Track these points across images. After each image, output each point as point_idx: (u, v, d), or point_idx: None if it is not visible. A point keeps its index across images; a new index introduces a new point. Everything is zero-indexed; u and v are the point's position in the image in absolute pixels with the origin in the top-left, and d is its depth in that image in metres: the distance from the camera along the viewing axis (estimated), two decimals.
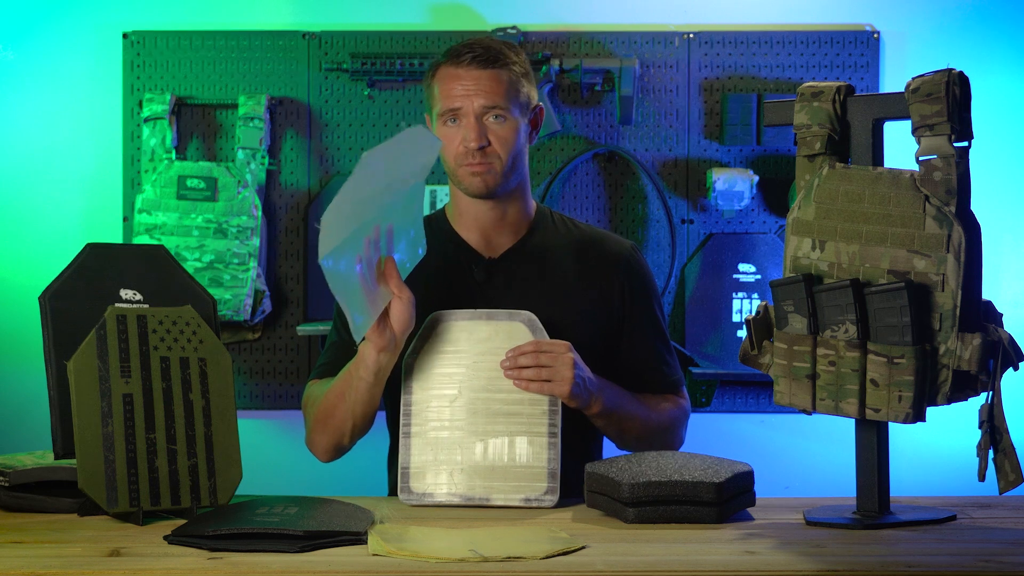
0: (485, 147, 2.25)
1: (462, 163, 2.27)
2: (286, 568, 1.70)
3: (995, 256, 3.17)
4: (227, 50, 3.25)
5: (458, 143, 2.26)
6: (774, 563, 1.73)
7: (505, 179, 2.29)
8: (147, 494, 1.96)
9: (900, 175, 1.91)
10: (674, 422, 2.36)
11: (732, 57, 3.25)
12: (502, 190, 2.30)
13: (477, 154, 2.26)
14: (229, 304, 3.12)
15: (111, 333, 1.98)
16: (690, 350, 3.19)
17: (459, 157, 2.27)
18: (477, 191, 2.29)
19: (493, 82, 2.26)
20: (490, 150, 2.26)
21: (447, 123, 2.27)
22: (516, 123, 2.28)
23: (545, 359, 2.11)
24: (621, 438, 2.31)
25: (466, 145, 2.25)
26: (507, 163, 2.28)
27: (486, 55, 2.27)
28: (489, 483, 2.10)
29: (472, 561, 1.72)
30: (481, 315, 2.19)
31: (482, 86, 2.25)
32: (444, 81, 2.28)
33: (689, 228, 3.26)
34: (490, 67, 2.26)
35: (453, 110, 2.26)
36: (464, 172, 2.28)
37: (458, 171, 2.29)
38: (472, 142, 2.25)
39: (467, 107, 2.25)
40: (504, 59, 2.27)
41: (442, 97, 2.28)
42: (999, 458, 1.85)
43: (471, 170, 2.27)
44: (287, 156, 3.25)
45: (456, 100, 2.26)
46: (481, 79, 2.26)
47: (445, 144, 2.27)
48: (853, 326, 1.91)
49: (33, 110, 3.27)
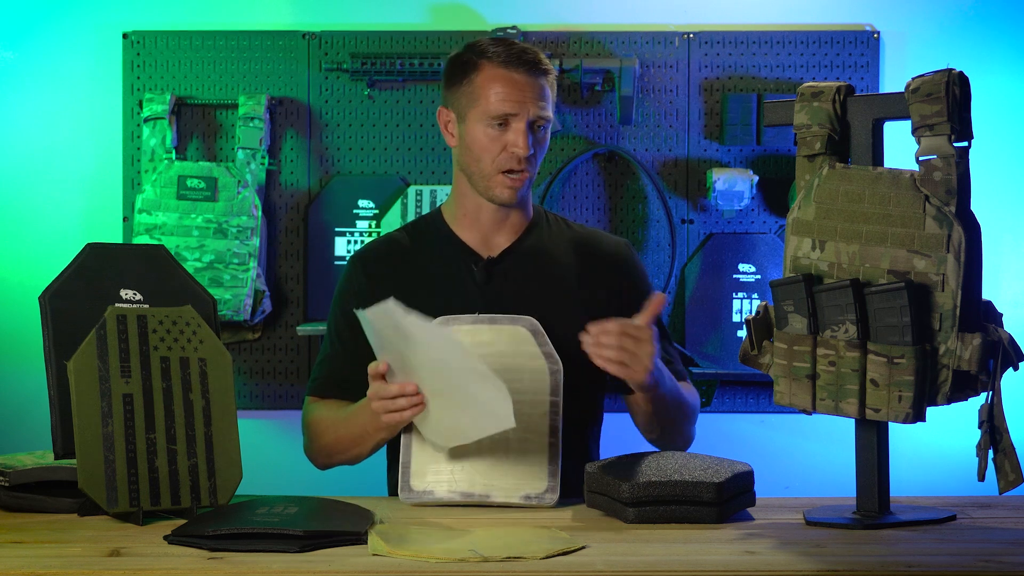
0: (531, 156, 2.26)
1: (503, 168, 2.26)
2: (286, 568, 1.70)
3: (995, 256, 3.17)
4: (227, 50, 3.25)
5: (501, 149, 2.25)
6: (774, 563, 1.73)
7: (529, 187, 2.30)
8: (147, 494, 1.96)
9: (900, 175, 1.91)
10: (697, 410, 2.37)
11: (732, 57, 3.25)
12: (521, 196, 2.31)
13: (523, 161, 2.25)
14: (229, 304, 3.12)
15: (111, 333, 1.98)
16: (690, 350, 3.19)
17: (500, 163, 2.25)
18: (508, 200, 2.29)
19: (543, 90, 2.26)
20: (531, 158, 2.26)
21: (493, 127, 2.25)
22: (548, 133, 2.30)
23: (628, 343, 2.08)
24: (653, 421, 2.28)
25: (514, 151, 2.24)
26: (536, 171, 2.29)
27: (537, 61, 2.25)
28: (489, 481, 2.10)
29: (472, 561, 1.72)
30: (484, 319, 2.19)
31: (535, 93, 2.24)
32: (494, 83, 2.25)
33: (689, 228, 3.26)
34: (541, 76, 2.26)
35: (505, 115, 2.24)
36: (501, 179, 2.26)
37: (495, 177, 2.27)
38: (523, 150, 2.23)
39: (522, 114, 2.23)
40: (548, 67, 2.28)
41: (492, 99, 2.24)
42: (999, 458, 1.85)
43: (511, 178, 2.26)
44: (287, 156, 3.25)
45: (511, 105, 2.23)
46: (535, 88, 2.24)
47: (485, 147, 2.26)
48: (853, 326, 1.91)
49: (33, 110, 3.27)
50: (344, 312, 2.38)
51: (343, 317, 2.38)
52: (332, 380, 2.35)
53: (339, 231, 3.24)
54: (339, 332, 2.38)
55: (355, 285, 2.38)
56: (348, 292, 2.39)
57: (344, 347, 2.36)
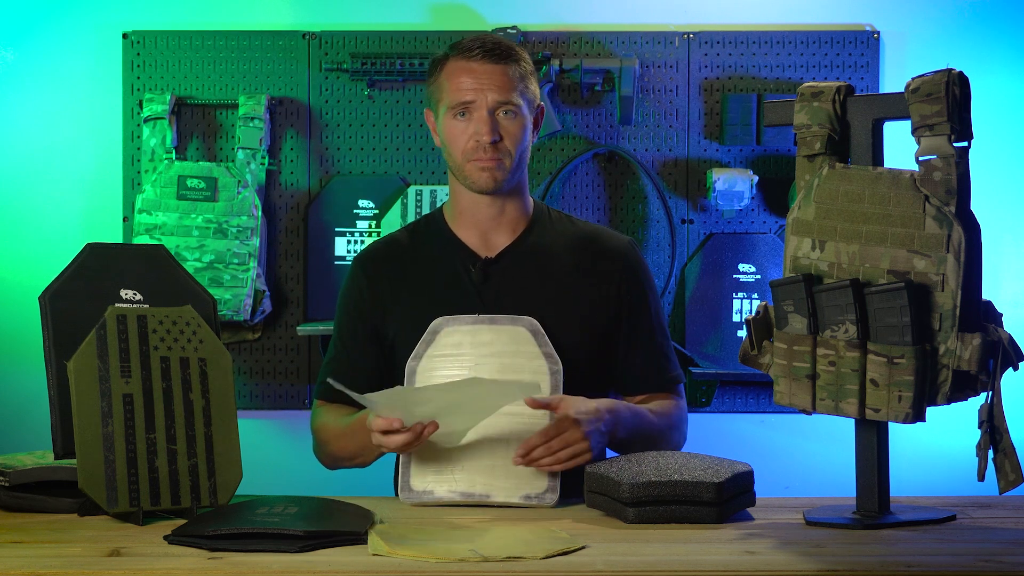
0: (497, 142, 2.25)
1: (471, 158, 2.26)
2: (286, 568, 1.70)
3: (995, 256, 3.17)
4: (227, 50, 3.25)
5: (468, 138, 2.26)
6: (774, 563, 1.73)
7: (512, 175, 2.29)
8: (147, 494, 1.96)
9: (900, 175, 1.91)
10: (678, 425, 2.36)
11: (732, 57, 3.25)
12: (507, 186, 2.29)
13: (489, 148, 2.25)
14: (229, 304, 3.12)
15: (111, 333, 1.98)
16: (690, 350, 3.19)
17: (468, 152, 2.26)
18: (485, 186, 2.28)
19: (504, 77, 2.25)
20: (501, 145, 2.26)
21: (456, 117, 2.26)
22: (524, 119, 2.28)
23: (557, 444, 2.08)
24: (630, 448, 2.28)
25: (478, 139, 2.24)
26: (515, 159, 2.28)
27: (497, 49, 2.26)
28: (489, 481, 2.10)
29: (472, 561, 1.72)
30: (484, 320, 2.19)
31: (495, 80, 2.24)
32: (454, 74, 2.26)
33: (689, 228, 3.26)
34: (501, 62, 2.26)
35: (464, 103, 2.25)
36: (472, 167, 2.27)
37: (466, 166, 2.27)
38: (484, 136, 2.24)
39: (480, 101, 2.24)
40: (514, 54, 2.27)
41: (452, 90, 2.26)
42: (999, 458, 1.85)
43: (480, 165, 2.26)
44: (287, 156, 3.25)
45: (468, 93, 2.25)
46: (493, 73, 2.25)
47: (453, 138, 2.27)
48: (853, 326, 1.91)
49: (33, 110, 3.27)
50: (347, 314, 2.38)
51: (346, 319, 2.38)
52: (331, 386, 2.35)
53: (339, 231, 3.24)
54: (342, 335, 2.38)
55: (357, 286, 2.38)
56: (349, 294, 2.39)
57: (348, 350, 2.36)
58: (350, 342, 2.36)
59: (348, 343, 2.36)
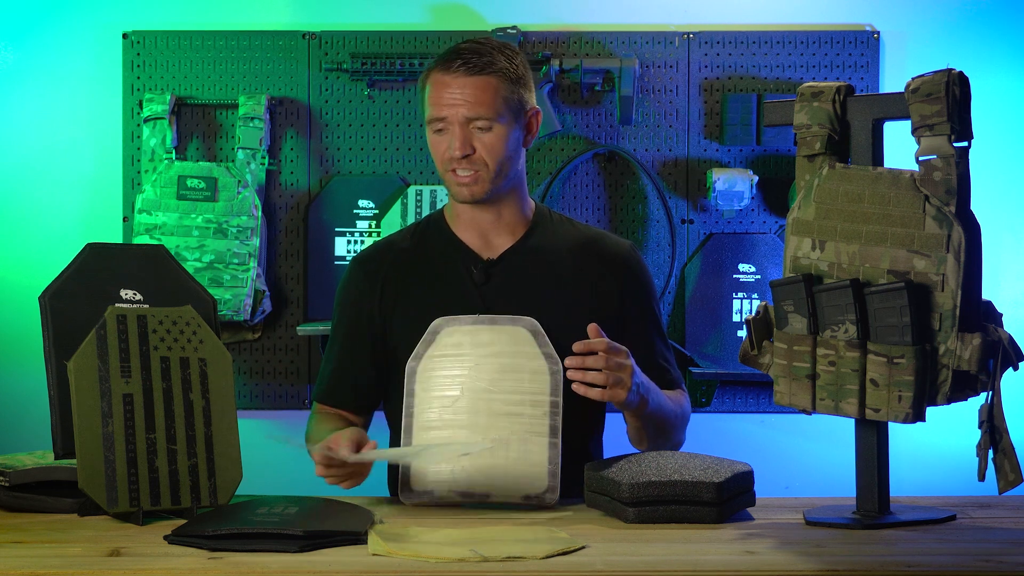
0: (470, 155, 2.26)
1: (447, 170, 2.29)
2: (286, 568, 1.70)
3: (995, 256, 3.17)
4: (227, 50, 3.25)
5: (443, 151, 2.27)
6: (774, 563, 1.73)
7: (493, 185, 2.29)
8: (147, 494, 1.96)
9: (900, 175, 1.91)
10: (685, 419, 2.38)
11: (732, 57, 3.25)
12: (489, 196, 2.30)
13: (463, 162, 2.26)
14: (229, 304, 3.12)
15: (111, 333, 1.98)
16: (690, 350, 3.19)
17: (445, 164, 2.29)
18: (463, 198, 2.31)
19: (479, 91, 2.25)
20: (476, 157, 2.27)
21: (435, 132, 2.28)
22: (504, 130, 2.27)
23: (613, 363, 2.11)
24: (642, 434, 2.28)
25: (451, 154, 2.26)
26: (494, 170, 2.28)
27: (476, 61, 2.26)
28: (489, 481, 2.10)
29: (472, 561, 1.72)
30: (484, 320, 2.19)
31: (467, 95, 2.25)
32: (433, 88, 2.28)
33: (689, 228, 3.26)
34: (478, 74, 2.26)
35: (439, 119, 2.27)
36: (450, 179, 2.30)
37: (445, 177, 2.31)
38: (456, 151, 2.25)
39: (452, 116, 2.25)
40: (494, 65, 2.27)
41: (430, 105, 2.28)
42: (999, 458, 1.85)
43: (455, 178, 2.28)
44: (287, 156, 3.25)
45: (442, 109, 2.26)
46: (467, 87, 2.25)
47: (433, 151, 2.30)
48: (853, 326, 1.91)
49: (33, 110, 3.27)
50: (343, 315, 2.39)
51: (342, 321, 2.39)
52: (329, 388, 2.39)
53: (339, 231, 3.24)
54: (337, 336, 2.39)
55: (357, 287, 2.38)
56: (348, 295, 2.39)
57: (342, 353, 2.37)
58: (349, 343, 2.36)
59: (347, 344, 2.36)
